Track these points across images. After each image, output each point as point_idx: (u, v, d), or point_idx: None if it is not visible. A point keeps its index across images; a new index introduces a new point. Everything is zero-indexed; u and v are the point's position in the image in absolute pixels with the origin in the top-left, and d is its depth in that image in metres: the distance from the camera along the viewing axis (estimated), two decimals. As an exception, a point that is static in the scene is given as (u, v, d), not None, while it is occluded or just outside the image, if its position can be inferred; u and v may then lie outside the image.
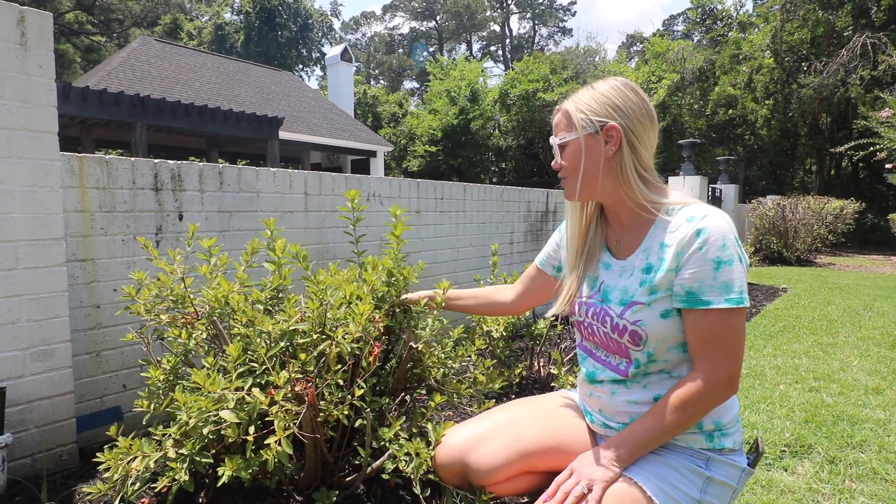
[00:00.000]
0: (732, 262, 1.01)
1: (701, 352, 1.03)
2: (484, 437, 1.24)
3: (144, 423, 1.50)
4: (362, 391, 1.36)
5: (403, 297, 1.58)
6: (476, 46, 45.39)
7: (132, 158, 2.00)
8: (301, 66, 34.70)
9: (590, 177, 1.12)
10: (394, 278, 1.60)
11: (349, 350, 1.30)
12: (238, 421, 1.19)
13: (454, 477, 1.26)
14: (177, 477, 1.24)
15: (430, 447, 1.34)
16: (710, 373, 1.02)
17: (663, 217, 1.10)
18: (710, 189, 9.55)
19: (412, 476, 1.33)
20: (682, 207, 1.08)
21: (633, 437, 1.06)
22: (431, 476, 1.35)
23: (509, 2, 42.17)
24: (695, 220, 1.03)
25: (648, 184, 1.13)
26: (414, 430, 1.53)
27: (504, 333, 2.49)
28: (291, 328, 1.34)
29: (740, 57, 16.55)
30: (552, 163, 1.19)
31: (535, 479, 1.27)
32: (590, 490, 1.01)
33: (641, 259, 1.11)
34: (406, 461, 1.35)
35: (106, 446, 1.29)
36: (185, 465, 1.25)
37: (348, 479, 1.51)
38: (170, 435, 1.29)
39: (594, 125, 1.09)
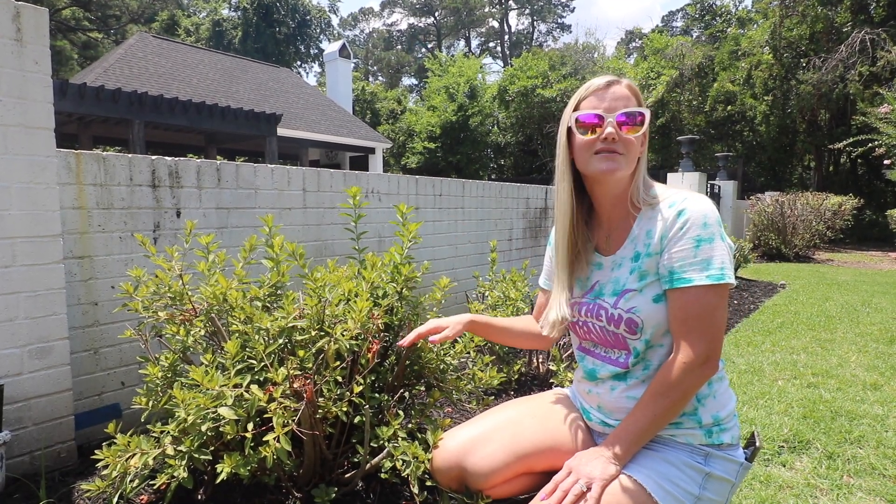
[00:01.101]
0: (713, 240, 1.02)
1: (678, 332, 1.04)
2: (481, 441, 1.23)
3: (143, 420, 1.50)
4: (361, 388, 1.36)
5: (431, 329, 1.31)
6: (474, 43, 45.32)
7: (129, 155, 1.99)
8: (299, 63, 34.59)
9: (637, 160, 1.14)
10: (399, 276, 1.60)
11: (348, 347, 1.30)
12: (236, 418, 1.19)
13: (452, 481, 1.26)
14: (175, 474, 1.24)
15: (428, 450, 1.34)
16: (686, 353, 1.02)
17: (647, 209, 1.12)
18: (708, 185, 9.55)
19: (410, 477, 1.32)
20: (665, 199, 1.11)
21: (626, 431, 1.06)
22: (429, 482, 1.35)
23: (508, -2, 42.07)
24: (676, 205, 1.06)
25: (646, 180, 1.17)
26: (413, 427, 1.53)
27: (503, 330, 2.48)
28: (290, 325, 1.34)
29: (739, 53, 16.53)
30: (608, 132, 1.08)
31: (533, 480, 1.27)
32: (588, 488, 1.01)
33: (630, 249, 1.13)
34: (403, 461, 1.35)
35: (104, 443, 1.29)
36: (183, 463, 1.25)
37: (347, 475, 1.51)
38: (168, 432, 1.29)
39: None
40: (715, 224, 1.03)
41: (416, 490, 1.31)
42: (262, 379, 1.29)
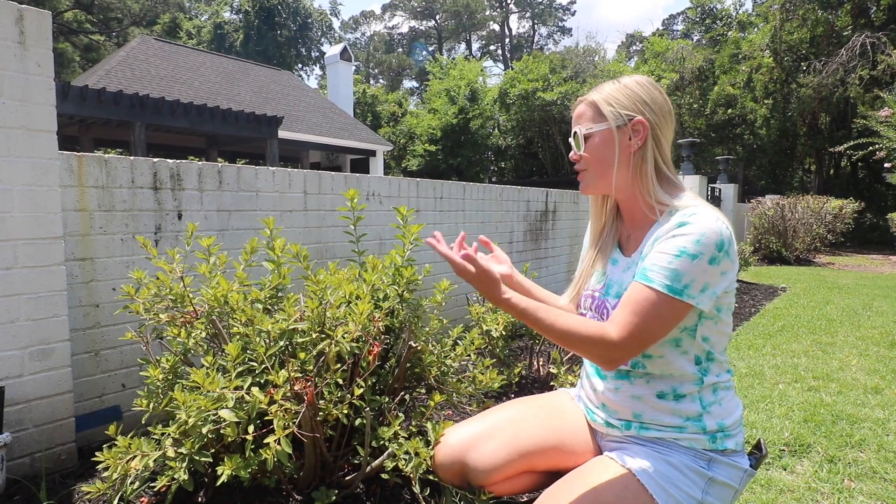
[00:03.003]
0: (697, 258, 0.98)
1: (622, 315, 1.01)
2: (483, 437, 1.24)
3: (143, 422, 1.50)
4: (362, 390, 1.36)
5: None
6: (475, 46, 45.41)
7: (131, 157, 1.99)
8: (300, 66, 34.67)
9: (610, 169, 1.13)
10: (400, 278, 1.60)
11: (348, 349, 1.30)
12: (237, 420, 1.19)
13: (454, 477, 1.26)
14: (176, 476, 1.24)
15: (430, 447, 1.34)
16: (616, 330, 0.99)
17: (666, 216, 1.10)
18: (709, 188, 9.55)
19: (411, 475, 1.33)
20: (684, 209, 1.07)
21: (531, 305, 1.03)
22: (431, 476, 1.35)
23: (508, 1, 42.16)
24: (686, 216, 1.04)
25: (664, 181, 1.14)
26: (413, 430, 1.53)
27: (503, 332, 2.49)
28: (291, 327, 1.34)
29: (740, 56, 16.57)
30: (570, 154, 1.19)
31: (535, 479, 1.27)
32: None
33: (639, 255, 1.13)
34: (405, 460, 1.35)
35: (105, 445, 1.29)
36: (184, 465, 1.25)
37: (348, 478, 1.51)
38: (169, 434, 1.29)
39: (622, 118, 1.11)
40: (710, 245, 0.98)
41: (417, 488, 1.31)
42: (262, 381, 1.29)
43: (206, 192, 2.20)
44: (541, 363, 2.74)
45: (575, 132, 1.16)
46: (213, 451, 1.31)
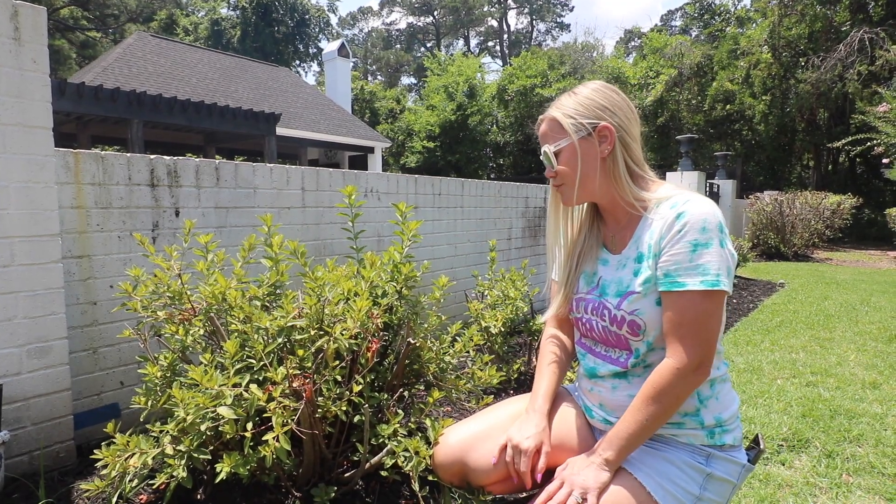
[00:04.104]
0: (710, 245, 1.00)
1: (672, 336, 1.03)
2: (483, 437, 1.24)
3: (142, 419, 1.50)
4: (360, 387, 1.35)
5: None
6: (473, 42, 45.32)
7: (128, 154, 1.98)
8: (298, 62, 34.57)
9: (587, 179, 1.14)
10: (398, 275, 1.60)
11: (347, 346, 1.30)
12: (236, 417, 1.19)
13: (453, 476, 1.26)
14: (175, 473, 1.24)
15: (430, 445, 1.34)
16: (678, 359, 1.01)
17: (653, 208, 1.11)
18: (707, 184, 9.56)
19: (411, 474, 1.32)
20: (668, 199, 1.09)
21: (618, 436, 1.06)
22: (431, 476, 1.35)
23: (507, -3, 42.05)
24: (677, 206, 1.05)
25: (637, 179, 1.15)
26: (412, 426, 1.52)
27: (502, 329, 2.49)
28: (289, 324, 1.34)
29: (738, 52, 16.54)
30: (545, 171, 1.19)
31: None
32: (584, 499, 1.01)
33: (633, 250, 1.13)
34: (405, 458, 1.35)
35: (103, 443, 1.29)
36: (182, 462, 1.25)
37: (347, 475, 1.51)
38: (167, 431, 1.28)
39: (586, 128, 1.12)
40: (714, 229, 1.01)
41: (416, 487, 1.31)
42: (261, 378, 1.29)
43: (203, 188, 2.20)
44: (539, 359, 2.74)
45: (544, 151, 1.16)
46: (211, 448, 1.30)
